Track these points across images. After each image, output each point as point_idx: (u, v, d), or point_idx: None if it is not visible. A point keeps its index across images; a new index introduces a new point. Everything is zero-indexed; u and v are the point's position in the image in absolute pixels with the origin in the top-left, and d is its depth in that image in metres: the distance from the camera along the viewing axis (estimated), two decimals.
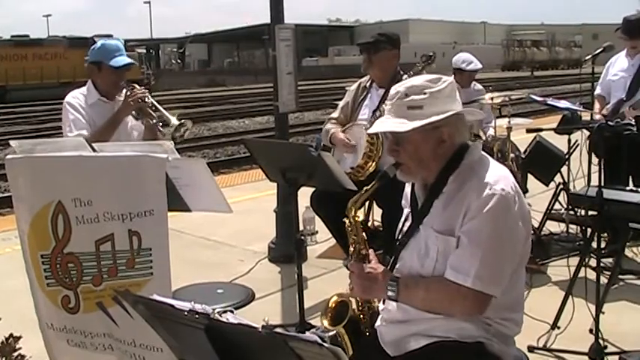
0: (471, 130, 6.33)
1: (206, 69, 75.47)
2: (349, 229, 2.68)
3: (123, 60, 4.53)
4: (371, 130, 2.73)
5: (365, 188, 2.63)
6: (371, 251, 2.69)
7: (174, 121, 4.55)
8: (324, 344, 1.53)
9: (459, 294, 2.39)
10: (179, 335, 1.93)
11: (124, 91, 4.58)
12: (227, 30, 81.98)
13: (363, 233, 2.68)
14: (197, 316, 1.73)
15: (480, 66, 7.05)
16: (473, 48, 60.40)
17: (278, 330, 1.61)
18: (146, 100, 4.54)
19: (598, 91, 6.53)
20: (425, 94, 2.47)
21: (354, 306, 2.79)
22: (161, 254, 3.02)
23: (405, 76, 5.23)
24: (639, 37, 6.20)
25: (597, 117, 6.13)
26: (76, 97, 4.57)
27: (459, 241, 2.43)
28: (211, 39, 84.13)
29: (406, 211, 2.75)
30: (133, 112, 4.61)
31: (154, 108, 4.58)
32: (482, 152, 2.61)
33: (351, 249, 2.68)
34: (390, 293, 2.51)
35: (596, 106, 6.48)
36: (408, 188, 2.76)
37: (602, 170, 4.17)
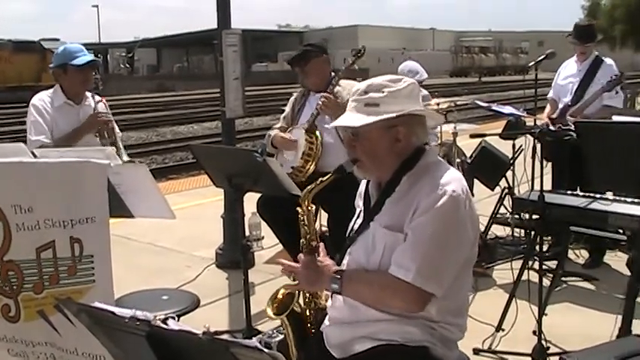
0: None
1: (155, 74, 74.68)
2: (301, 218, 2.69)
3: (86, 58, 4.66)
4: (331, 125, 2.79)
5: (321, 179, 2.65)
6: (321, 244, 2.71)
7: (124, 156, 4.59)
8: (265, 350, 1.53)
9: (400, 289, 2.41)
10: (121, 343, 1.91)
11: (89, 96, 4.71)
12: (176, 35, 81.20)
13: (315, 224, 2.70)
14: (138, 323, 1.72)
15: (425, 76, 7.12)
16: (422, 54, 61.09)
17: (219, 336, 1.61)
18: (109, 125, 4.69)
19: (550, 94, 6.67)
20: (383, 92, 2.52)
21: (301, 301, 2.81)
22: (103, 261, 2.98)
23: (336, 76, 5.28)
24: (588, 42, 6.34)
25: (544, 121, 6.25)
26: (42, 99, 4.67)
27: (406, 237, 2.45)
28: (160, 44, 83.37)
29: (359, 209, 2.78)
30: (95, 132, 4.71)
31: (113, 136, 4.70)
32: (439, 157, 2.66)
33: (302, 240, 2.69)
34: (333, 286, 2.52)
35: (547, 109, 6.61)
36: (362, 187, 2.79)
37: (551, 173, 4.27)
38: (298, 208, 2.70)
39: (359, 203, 2.79)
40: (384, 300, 2.48)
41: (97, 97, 4.74)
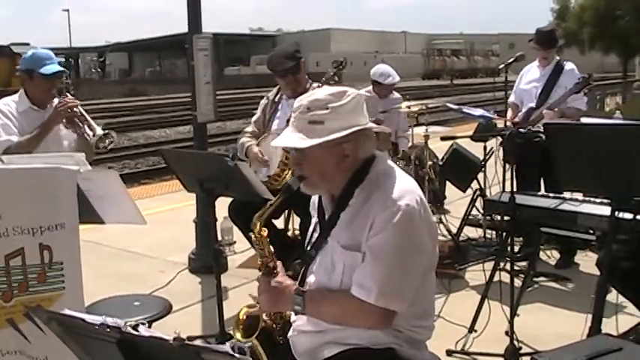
0: (388, 138, 6.44)
1: (127, 78, 74.39)
2: (255, 243, 2.66)
3: (54, 68, 4.56)
4: (273, 144, 2.69)
5: (269, 202, 2.61)
6: (279, 263, 2.67)
7: (99, 131, 4.54)
8: (236, 355, 1.53)
9: (363, 310, 2.40)
10: (92, 350, 1.89)
11: (56, 100, 4.60)
12: (148, 39, 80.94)
13: (270, 246, 2.66)
14: (108, 329, 1.70)
15: (397, 79, 7.13)
16: (394, 57, 61.34)
17: (190, 341, 1.60)
18: (75, 109, 4.58)
19: (512, 99, 6.70)
20: (327, 109, 2.43)
21: (265, 316, 2.78)
22: (73, 268, 2.96)
23: (315, 84, 5.28)
24: (551, 47, 6.40)
25: (508, 124, 6.30)
26: (6, 104, 4.60)
27: (364, 256, 2.42)
28: (132, 48, 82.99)
29: (314, 220, 2.76)
30: (64, 121, 4.61)
31: (83, 118, 4.61)
32: (389, 162, 2.61)
33: (259, 262, 2.66)
34: (296, 307, 2.51)
35: (509, 113, 6.65)
36: (315, 198, 2.75)
37: (515, 176, 4.30)
38: (251, 234, 2.67)
39: (313, 213, 2.77)
40: (348, 320, 2.47)
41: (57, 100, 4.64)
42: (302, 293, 2.52)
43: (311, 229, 2.76)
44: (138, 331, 1.68)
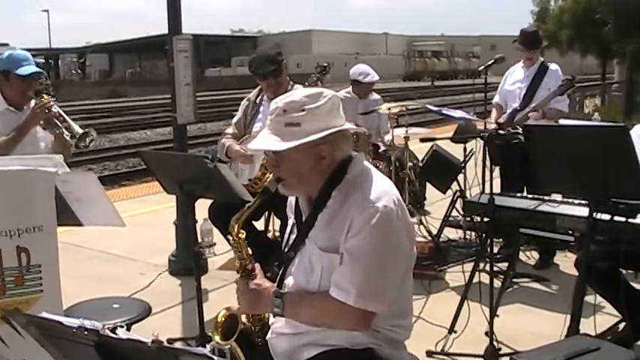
0: (369, 140, 6.45)
1: (107, 79, 74.00)
2: (233, 245, 2.66)
3: (30, 69, 4.52)
4: (251, 146, 2.68)
5: (247, 205, 2.61)
6: (257, 266, 2.67)
7: (78, 129, 4.50)
8: (214, 357, 1.52)
9: (342, 311, 2.40)
10: (69, 353, 1.88)
11: (33, 101, 4.56)
12: (129, 40, 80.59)
13: (248, 249, 2.66)
14: (86, 332, 1.69)
15: (376, 78, 7.13)
16: (375, 58, 61.41)
17: (169, 344, 1.60)
18: (53, 109, 4.52)
19: (496, 99, 6.74)
20: (303, 110, 2.43)
21: (244, 318, 2.78)
22: (51, 270, 2.94)
23: (297, 86, 5.27)
24: (535, 48, 6.45)
25: (492, 126, 6.33)
26: None
27: (342, 258, 2.43)
28: (113, 49, 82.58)
29: (291, 221, 2.76)
30: (41, 122, 4.56)
31: (61, 118, 4.55)
32: (366, 163, 2.61)
33: (237, 264, 2.66)
34: (275, 309, 2.51)
35: (493, 114, 6.68)
36: (292, 199, 2.75)
37: (500, 177, 4.33)
38: (229, 236, 2.67)
39: (290, 215, 2.78)
40: (327, 322, 2.48)
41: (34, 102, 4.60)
42: (281, 295, 2.52)
43: (288, 230, 2.76)
44: (116, 333, 1.67)
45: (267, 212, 5.89)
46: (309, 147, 2.44)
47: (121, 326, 1.72)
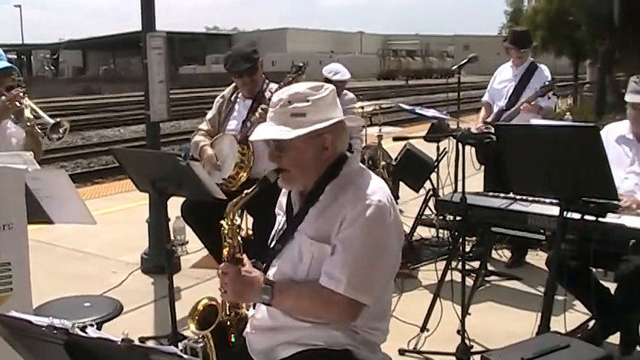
0: (347, 137, 6.45)
1: (81, 76, 73.32)
2: (226, 232, 2.66)
3: (2, 64, 4.49)
4: (253, 137, 2.68)
5: (245, 192, 2.61)
6: (245, 256, 2.67)
7: (49, 120, 4.45)
8: (184, 356, 1.52)
9: (332, 300, 2.42)
10: (39, 353, 1.86)
11: (3, 97, 4.48)
12: (103, 36, 79.93)
13: (239, 237, 2.67)
14: (56, 331, 1.68)
15: (347, 76, 7.15)
16: (350, 57, 61.50)
17: (140, 343, 1.59)
18: (23, 101, 4.44)
19: (485, 98, 6.80)
20: (308, 101, 2.50)
21: (222, 312, 2.77)
22: (21, 269, 2.91)
23: (272, 85, 5.27)
24: (525, 47, 6.49)
25: (480, 124, 6.37)
26: None
27: (335, 248, 2.45)
28: (86, 45, 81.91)
29: (279, 218, 2.77)
30: (12, 117, 4.51)
31: (34, 113, 4.50)
32: (361, 164, 2.67)
33: (225, 252, 2.65)
34: (264, 297, 2.50)
35: (482, 113, 6.72)
36: (283, 197, 2.78)
37: (485, 176, 4.33)
38: (223, 222, 2.67)
39: (279, 212, 2.79)
40: (316, 311, 2.49)
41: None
42: (271, 284, 2.52)
43: (277, 227, 2.76)
44: (86, 332, 1.66)
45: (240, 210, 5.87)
46: (314, 136, 2.50)
47: (92, 325, 1.71)
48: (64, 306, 3.74)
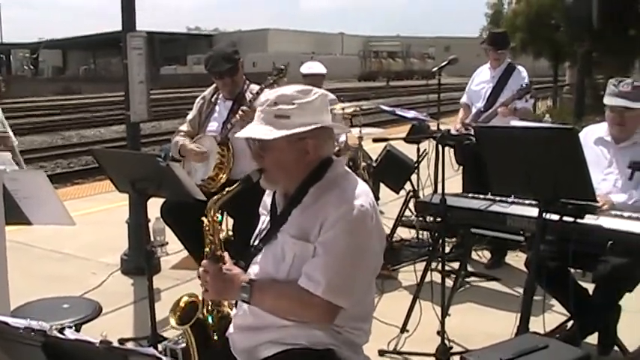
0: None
1: (60, 76, 72.93)
2: (207, 228, 2.66)
3: None
4: (238, 135, 2.70)
5: (227, 189, 2.63)
6: (226, 254, 2.68)
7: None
8: (163, 357, 1.52)
9: (310, 302, 2.43)
10: (16, 354, 1.86)
11: None
12: (83, 36, 79.45)
13: (221, 234, 2.68)
14: (33, 333, 1.67)
15: (319, 71, 7.17)
16: (331, 58, 61.32)
17: (120, 345, 1.59)
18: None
19: (464, 99, 6.82)
20: (294, 104, 2.50)
21: (203, 309, 2.78)
22: None
23: (253, 86, 5.27)
24: (502, 48, 6.52)
25: (458, 126, 6.39)
26: None
27: (315, 250, 2.46)
28: (66, 45, 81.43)
29: (263, 218, 2.77)
30: None
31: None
32: (346, 168, 2.68)
33: (207, 250, 2.66)
34: (243, 295, 2.51)
35: (460, 114, 6.75)
36: (268, 197, 2.78)
37: (464, 177, 4.33)
38: (204, 218, 2.67)
39: (264, 212, 2.79)
40: (293, 312, 2.49)
41: None
42: (251, 282, 2.53)
43: (260, 227, 2.77)
44: (64, 334, 1.65)
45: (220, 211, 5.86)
46: (295, 140, 2.51)
47: (70, 327, 1.70)
48: (42, 307, 3.71)
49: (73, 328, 1.71)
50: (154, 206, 4.80)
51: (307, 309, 2.46)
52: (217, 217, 2.70)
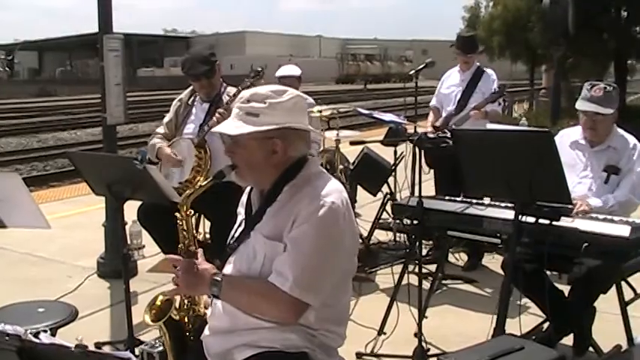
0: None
1: (37, 78, 72.33)
2: (180, 223, 2.67)
3: None
4: (214, 130, 2.74)
5: (199, 184, 2.65)
6: (200, 250, 2.70)
7: None
8: None
9: (276, 297, 2.43)
10: None
11: None
12: (59, 37, 78.99)
13: (194, 230, 2.69)
14: (7, 337, 1.66)
15: (293, 73, 7.17)
16: (308, 61, 61.53)
17: (94, 349, 1.58)
18: None
19: (433, 102, 6.85)
20: (265, 103, 2.51)
21: (179, 311, 2.78)
22: None
23: (230, 88, 5.26)
24: (471, 52, 6.54)
25: (429, 129, 6.41)
26: None
27: (285, 246, 2.47)
28: (43, 46, 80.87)
29: (240, 217, 2.78)
30: None
31: None
32: (320, 167, 2.69)
33: (180, 245, 2.67)
34: (213, 289, 2.50)
35: (430, 117, 6.77)
36: (244, 196, 2.79)
37: (434, 180, 4.35)
38: (177, 214, 2.69)
39: (241, 211, 2.80)
40: (259, 307, 2.49)
41: None
42: (221, 276, 2.53)
43: (236, 226, 2.77)
44: (39, 338, 1.65)
45: (196, 214, 5.85)
46: (262, 138, 2.52)
47: (45, 331, 1.70)
48: (17, 311, 3.68)
49: (49, 332, 1.70)
50: (131, 209, 4.77)
51: (273, 305, 2.46)
52: (190, 212, 2.71)
